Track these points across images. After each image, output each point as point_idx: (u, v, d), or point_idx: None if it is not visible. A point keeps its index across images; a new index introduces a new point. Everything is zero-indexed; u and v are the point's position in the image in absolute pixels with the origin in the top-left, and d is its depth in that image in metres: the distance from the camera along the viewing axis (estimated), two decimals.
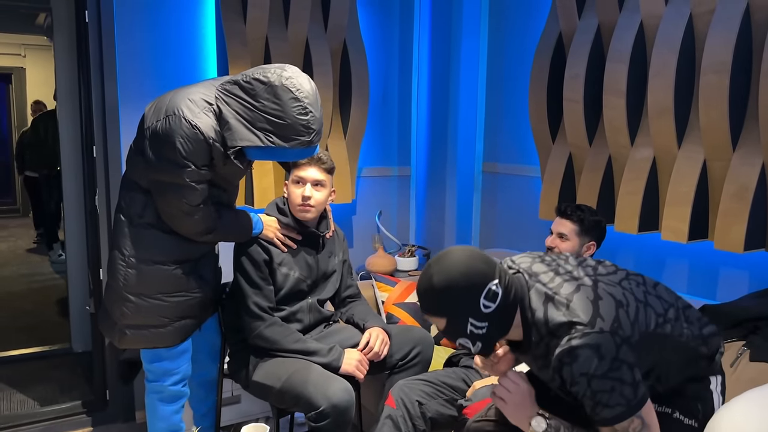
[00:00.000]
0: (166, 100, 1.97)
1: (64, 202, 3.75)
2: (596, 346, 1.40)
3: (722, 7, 2.20)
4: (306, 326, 2.41)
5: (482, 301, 1.49)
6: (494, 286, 1.50)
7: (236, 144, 1.92)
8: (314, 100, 1.92)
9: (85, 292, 3.70)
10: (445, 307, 1.50)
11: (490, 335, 1.53)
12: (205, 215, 2.03)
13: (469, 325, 1.50)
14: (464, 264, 1.49)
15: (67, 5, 3.33)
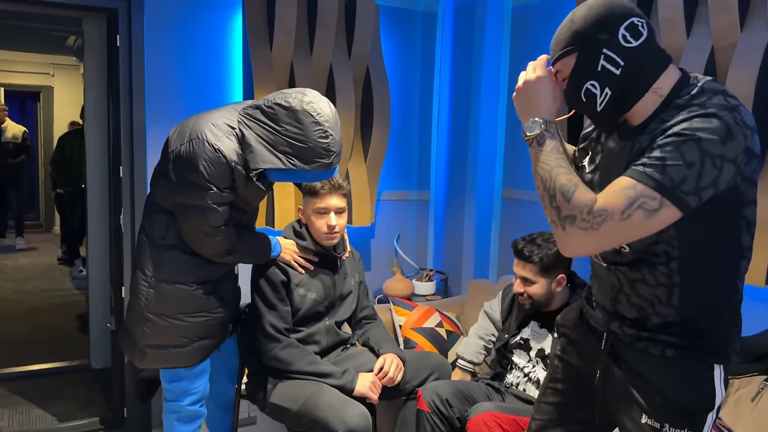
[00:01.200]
0: (189, 125, 2.02)
1: (88, 220, 3.81)
2: (729, 128, 1.20)
3: (744, 40, 2.21)
4: (324, 348, 2.43)
5: (622, 31, 1.29)
6: (639, 22, 1.30)
7: (259, 166, 1.96)
8: (334, 123, 1.97)
9: (106, 309, 3.75)
10: (580, 34, 1.32)
11: (623, 83, 1.31)
12: (226, 237, 2.07)
13: (602, 59, 1.30)
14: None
15: (99, 29, 3.43)
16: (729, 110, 1.22)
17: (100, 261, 3.80)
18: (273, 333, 2.30)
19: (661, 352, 1.41)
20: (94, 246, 3.82)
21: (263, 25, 3.03)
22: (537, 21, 3.27)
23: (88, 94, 3.66)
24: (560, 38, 1.36)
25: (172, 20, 2.97)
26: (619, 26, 1.30)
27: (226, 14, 3.09)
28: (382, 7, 3.38)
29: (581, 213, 1.26)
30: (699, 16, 2.39)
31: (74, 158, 5.94)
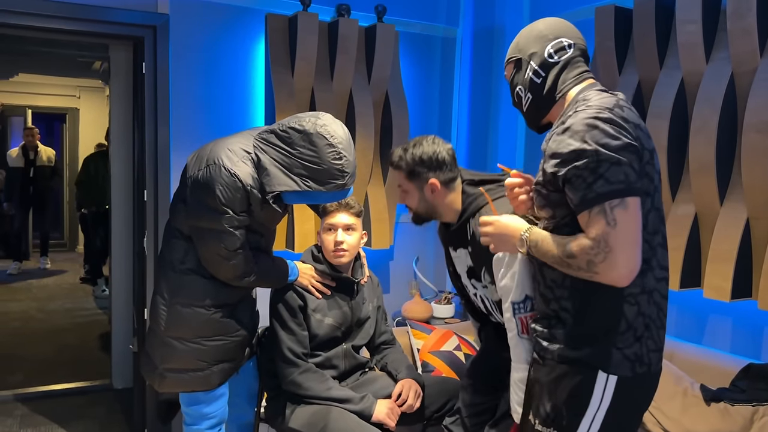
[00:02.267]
0: (206, 151, 2.07)
1: (112, 241, 3.87)
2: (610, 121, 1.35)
3: (764, 67, 2.21)
4: (341, 372, 2.43)
5: (548, 49, 1.54)
6: (566, 43, 1.54)
7: (275, 189, 2.00)
8: (347, 144, 2.01)
9: (128, 330, 3.79)
10: (519, 48, 1.60)
11: (540, 93, 1.55)
12: (243, 260, 2.09)
13: (529, 69, 1.56)
14: (552, 19, 1.60)
15: (125, 56, 3.52)
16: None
17: (123, 282, 3.85)
18: (291, 357, 2.31)
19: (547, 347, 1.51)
20: (117, 267, 3.88)
21: (285, 52, 3.09)
22: None
23: (114, 118, 3.75)
24: (510, 49, 1.65)
25: (197, 48, 3.04)
26: (548, 44, 1.54)
27: (249, 42, 3.16)
28: (402, 33, 3.43)
29: (590, 254, 1.34)
30: (718, 42, 2.39)
31: (99, 179, 6.05)
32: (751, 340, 2.44)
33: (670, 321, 2.72)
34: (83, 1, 2.82)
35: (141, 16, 2.94)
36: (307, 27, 3.03)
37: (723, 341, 2.52)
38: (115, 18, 2.90)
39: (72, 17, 2.84)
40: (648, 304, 1.41)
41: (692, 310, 2.63)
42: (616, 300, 1.40)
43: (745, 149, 2.23)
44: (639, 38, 2.61)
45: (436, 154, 2.01)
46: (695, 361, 2.48)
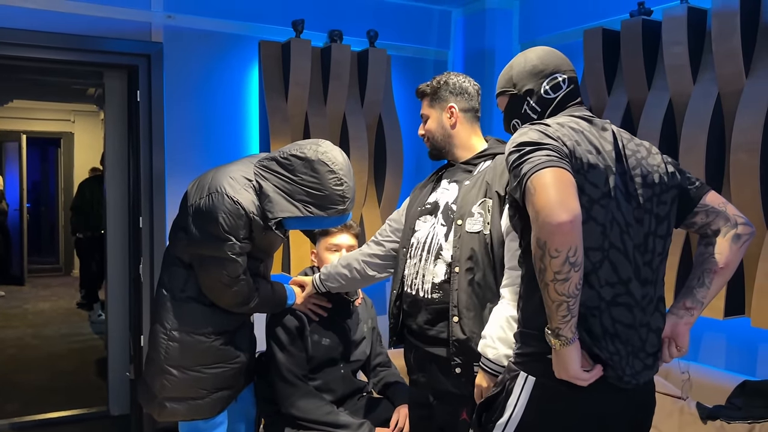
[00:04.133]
0: (208, 179, 2.09)
1: (108, 267, 3.87)
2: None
3: (750, 87, 2.25)
4: (339, 397, 2.43)
5: (545, 86, 1.57)
6: (561, 78, 1.57)
7: (277, 215, 2.03)
8: (348, 171, 2.05)
9: (125, 356, 3.78)
10: (513, 82, 1.62)
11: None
12: (245, 287, 2.11)
13: (526, 105, 1.59)
14: (543, 51, 1.61)
15: (120, 84, 3.54)
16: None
17: (119, 308, 3.84)
18: (292, 379, 2.31)
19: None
20: (113, 293, 3.87)
21: (278, 78, 3.12)
22: None
23: (108, 145, 3.76)
24: (501, 79, 1.66)
25: (191, 75, 3.07)
26: (544, 81, 1.57)
27: (243, 69, 3.19)
28: (394, 56, 3.47)
29: (534, 227, 1.31)
30: (704, 64, 2.44)
31: (94, 204, 6.06)
32: (746, 356, 2.46)
33: None
34: (77, 31, 2.85)
35: (135, 45, 2.97)
36: (300, 53, 3.07)
37: (718, 358, 2.54)
38: (109, 47, 2.93)
39: (66, 47, 2.87)
40: (586, 319, 1.36)
41: None
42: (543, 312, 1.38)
43: (733, 169, 2.27)
44: (627, 60, 2.65)
45: (460, 82, 2.01)
46: (691, 378, 2.49)
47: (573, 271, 1.28)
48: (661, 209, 1.48)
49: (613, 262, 1.38)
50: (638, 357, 1.42)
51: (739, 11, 2.23)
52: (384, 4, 3.51)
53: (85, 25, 2.87)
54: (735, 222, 1.53)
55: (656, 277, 1.48)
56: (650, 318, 1.45)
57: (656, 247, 1.47)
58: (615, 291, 1.38)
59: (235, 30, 3.15)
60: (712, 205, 1.54)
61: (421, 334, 1.93)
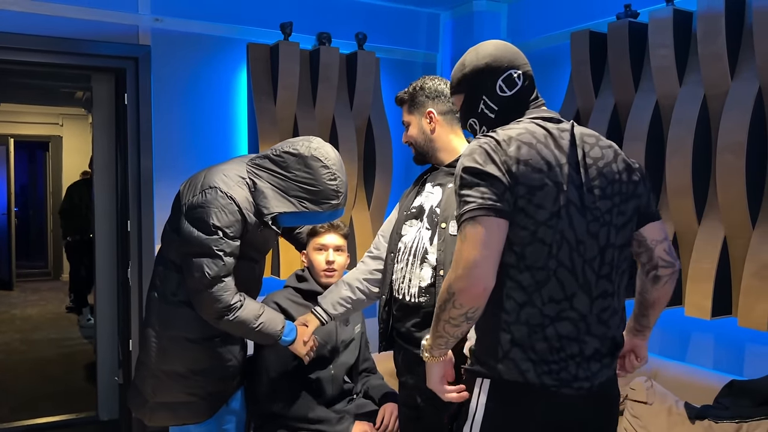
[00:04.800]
0: (200, 177, 2.09)
1: (96, 271, 3.85)
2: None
3: (735, 89, 2.27)
4: (329, 398, 2.43)
5: (499, 83, 1.52)
6: (515, 74, 1.52)
7: (273, 211, 2.04)
8: (340, 166, 2.09)
9: (114, 361, 3.76)
10: (467, 81, 1.56)
11: (496, 124, 1.51)
12: (226, 292, 2.03)
13: (481, 103, 1.54)
14: (495, 46, 1.55)
15: (108, 87, 3.53)
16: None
17: (107, 312, 3.82)
18: (275, 376, 2.34)
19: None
20: (102, 298, 3.85)
21: (267, 81, 3.12)
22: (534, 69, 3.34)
23: (96, 148, 3.74)
24: (454, 78, 1.61)
25: (179, 78, 3.06)
26: (498, 78, 1.52)
27: (231, 71, 3.19)
28: (383, 59, 3.48)
29: (450, 278, 1.38)
30: (690, 66, 2.46)
31: (83, 207, 6.02)
32: (733, 356, 2.47)
33: (653, 339, 2.74)
34: (65, 34, 2.84)
35: (122, 48, 2.96)
36: (289, 56, 3.06)
37: (706, 358, 2.55)
38: (96, 50, 2.92)
39: (54, 50, 2.86)
40: (528, 336, 1.39)
41: (674, 328, 2.66)
42: (494, 326, 1.42)
43: (720, 170, 2.28)
44: (614, 62, 2.67)
45: (435, 85, 2.02)
46: (679, 378, 2.51)
47: (466, 323, 1.39)
48: (620, 219, 1.46)
49: (560, 280, 1.39)
50: (592, 361, 1.42)
51: (724, 14, 2.25)
52: (372, 7, 3.51)
53: (73, 28, 2.85)
54: (656, 264, 1.55)
55: (617, 288, 1.47)
56: (608, 328, 1.45)
57: (616, 258, 1.45)
58: (560, 307, 1.39)
59: (223, 33, 3.15)
60: (647, 237, 1.54)
61: (409, 337, 1.93)
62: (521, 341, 1.39)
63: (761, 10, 2.16)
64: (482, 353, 1.45)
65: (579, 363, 1.41)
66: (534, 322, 1.39)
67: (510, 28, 3.46)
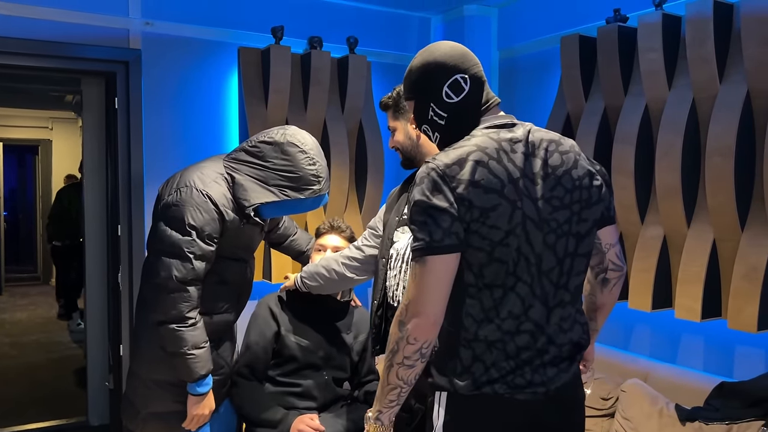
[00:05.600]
0: (177, 177, 2.08)
1: (87, 276, 3.83)
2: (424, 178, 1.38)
3: (724, 93, 2.29)
4: (321, 404, 2.43)
5: (445, 89, 1.46)
6: (461, 78, 1.47)
7: (254, 203, 2.02)
8: (318, 151, 2.08)
9: (104, 366, 3.74)
10: (414, 87, 1.52)
11: (449, 130, 1.49)
12: (184, 300, 1.97)
13: (430, 110, 1.49)
14: (441, 50, 1.49)
15: (98, 90, 3.51)
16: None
17: (98, 317, 3.80)
18: (246, 374, 2.39)
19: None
20: (92, 302, 3.83)
21: (258, 84, 3.12)
22: (524, 74, 3.37)
23: (86, 152, 3.73)
24: (404, 84, 1.56)
25: (170, 82, 3.05)
26: (443, 84, 1.47)
27: (222, 75, 3.18)
28: (374, 63, 3.48)
29: (400, 315, 1.39)
30: (679, 69, 2.47)
31: (72, 212, 5.99)
32: (723, 358, 2.49)
33: (643, 341, 2.77)
34: (54, 38, 2.82)
35: (113, 52, 2.95)
36: (280, 59, 3.06)
37: (696, 360, 2.57)
38: (86, 54, 2.90)
39: (43, 54, 2.84)
40: (488, 351, 1.40)
41: (665, 330, 2.68)
42: (453, 342, 1.43)
43: (709, 173, 2.30)
44: (603, 66, 2.68)
45: None
46: (670, 380, 2.52)
47: (420, 361, 1.39)
48: (581, 227, 1.44)
49: (519, 295, 1.39)
50: (549, 366, 1.43)
51: (712, 18, 2.27)
52: (364, 11, 3.52)
53: (63, 31, 2.84)
54: (606, 267, 1.57)
55: (575, 297, 1.47)
56: (569, 335, 1.46)
57: (575, 266, 1.45)
58: (518, 321, 1.40)
59: (214, 37, 3.14)
60: (602, 240, 1.54)
61: None
62: (481, 356, 1.40)
63: (749, 15, 2.18)
64: (441, 367, 1.45)
65: (535, 369, 1.42)
66: (493, 338, 1.39)
67: (500, 32, 3.48)
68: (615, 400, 2.55)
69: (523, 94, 3.37)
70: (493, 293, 1.39)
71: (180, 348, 1.97)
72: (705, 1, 2.29)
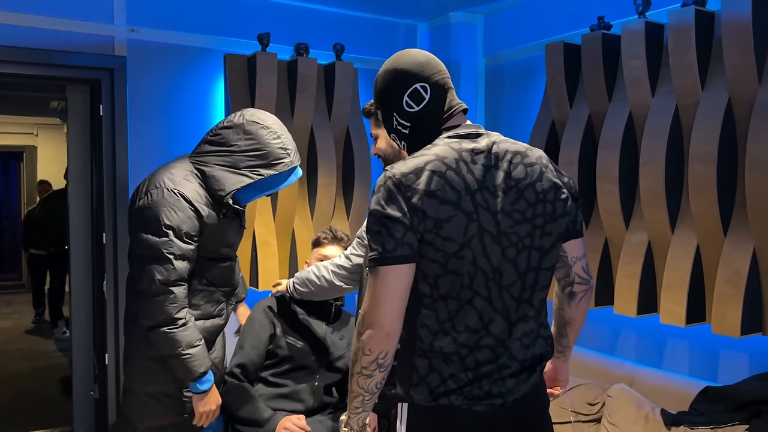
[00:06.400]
0: (145, 181, 2.06)
1: (71, 284, 3.79)
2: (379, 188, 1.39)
3: (706, 100, 2.31)
4: (309, 408, 2.43)
5: (405, 98, 1.47)
6: (421, 87, 1.47)
7: (229, 190, 2.00)
8: (280, 125, 2.08)
9: (89, 375, 3.70)
10: (379, 97, 1.54)
11: (414, 139, 1.49)
12: (171, 301, 1.94)
13: (395, 120, 1.51)
14: (401, 60, 1.50)
15: (83, 97, 3.48)
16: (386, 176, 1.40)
17: (83, 326, 3.76)
18: (237, 373, 2.40)
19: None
20: (77, 311, 3.79)
21: (244, 92, 3.11)
22: (510, 80, 3.39)
23: (72, 159, 3.69)
24: (373, 94, 1.58)
25: (155, 89, 3.04)
26: (404, 93, 1.47)
27: (208, 82, 3.17)
28: (361, 69, 3.49)
29: (359, 325, 1.41)
30: (663, 76, 2.50)
31: (57, 219, 5.94)
32: (708, 363, 2.51)
33: (629, 346, 2.78)
34: (39, 45, 2.80)
35: (97, 59, 2.93)
36: (266, 66, 3.06)
37: (681, 365, 2.58)
38: (71, 61, 2.89)
39: (28, 62, 2.82)
40: (444, 363, 1.40)
41: (650, 335, 2.70)
42: (410, 352, 1.43)
43: (691, 179, 2.32)
44: (588, 73, 2.70)
45: None
46: (655, 385, 2.54)
47: (378, 371, 1.39)
48: (545, 241, 1.43)
49: (477, 309, 1.39)
50: (507, 378, 1.42)
51: (694, 26, 2.30)
52: (350, 18, 3.53)
53: (47, 39, 2.82)
54: (572, 280, 1.57)
55: (538, 311, 1.46)
56: (530, 351, 1.45)
57: (539, 281, 1.44)
58: (478, 336, 1.39)
59: (199, 43, 3.13)
60: (568, 254, 1.53)
61: None
62: (437, 367, 1.40)
63: (730, 23, 2.20)
64: (401, 379, 1.46)
65: (494, 381, 1.41)
66: (448, 350, 1.39)
67: (486, 39, 3.50)
68: (601, 405, 2.57)
69: (509, 100, 3.38)
70: (448, 305, 1.38)
71: (175, 350, 1.96)
72: (687, 9, 2.31)
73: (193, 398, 2.05)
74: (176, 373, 2.01)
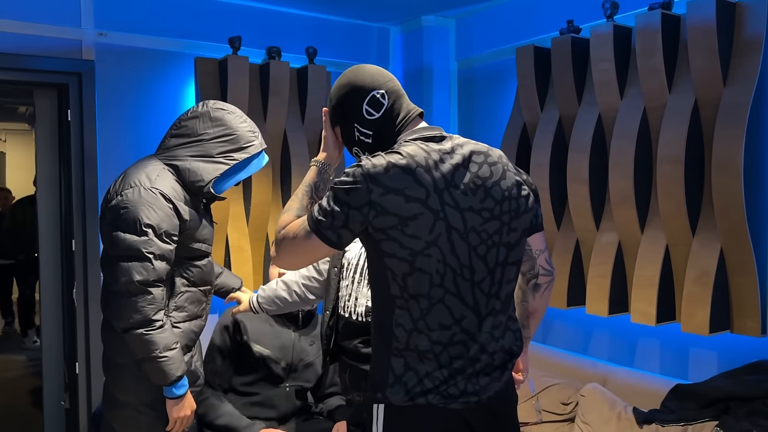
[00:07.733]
0: (118, 182, 1.98)
1: (41, 292, 3.72)
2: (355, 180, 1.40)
3: (673, 102, 2.35)
4: (281, 414, 2.42)
5: (365, 107, 1.49)
6: (379, 94, 1.50)
7: (208, 180, 1.97)
8: (242, 112, 2.09)
9: (60, 385, 3.64)
10: (336, 114, 1.54)
11: (377, 147, 1.50)
12: (148, 302, 1.88)
13: (356, 131, 1.52)
14: (353, 72, 1.53)
15: (50, 102, 3.43)
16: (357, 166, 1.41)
17: (53, 335, 3.70)
18: (214, 383, 2.41)
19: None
20: (47, 319, 3.73)
21: (216, 95, 3.08)
22: (482, 84, 3.41)
23: (40, 165, 3.63)
24: (329, 109, 1.59)
25: (125, 93, 3.01)
26: (362, 102, 1.50)
27: (179, 86, 3.14)
28: (333, 73, 3.48)
29: (280, 234, 1.49)
30: (631, 79, 2.54)
31: (27, 226, 5.83)
32: (678, 361, 2.54)
33: (602, 346, 2.81)
34: (5, 49, 2.75)
35: (65, 63, 2.89)
36: (238, 70, 3.04)
37: (653, 363, 2.62)
38: (37, 66, 2.84)
39: None
40: (420, 362, 1.41)
41: (622, 334, 2.73)
42: (385, 352, 1.44)
43: (660, 180, 2.36)
44: (557, 76, 2.73)
45: None
46: (627, 384, 2.57)
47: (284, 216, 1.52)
48: (512, 237, 1.47)
49: (447, 306, 1.41)
50: (481, 375, 1.44)
51: (660, 29, 2.33)
52: (322, 22, 3.52)
53: (14, 43, 2.77)
54: (537, 272, 1.63)
55: (506, 304, 1.49)
56: (501, 343, 1.48)
57: (506, 275, 1.47)
58: (451, 332, 1.41)
59: (170, 47, 3.10)
60: (532, 247, 1.60)
61: (355, 353, 1.94)
62: (413, 366, 1.41)
63: (695, 26, 2.24)
64: (376, 379, 1.46)
65: (468, 378, 1.43)
66: (423, 348, 1.40)
67: (458, 43, 3.52)
68: (575, 405, 2.59)
69: (481, 104, 3.41)
70: (419, 303, 1.40)
71: (151, 353, 1.88)
72: (654, 12, 2.35)
73: (168, 404, 1.98)
74: (151, 377, 1.92)
